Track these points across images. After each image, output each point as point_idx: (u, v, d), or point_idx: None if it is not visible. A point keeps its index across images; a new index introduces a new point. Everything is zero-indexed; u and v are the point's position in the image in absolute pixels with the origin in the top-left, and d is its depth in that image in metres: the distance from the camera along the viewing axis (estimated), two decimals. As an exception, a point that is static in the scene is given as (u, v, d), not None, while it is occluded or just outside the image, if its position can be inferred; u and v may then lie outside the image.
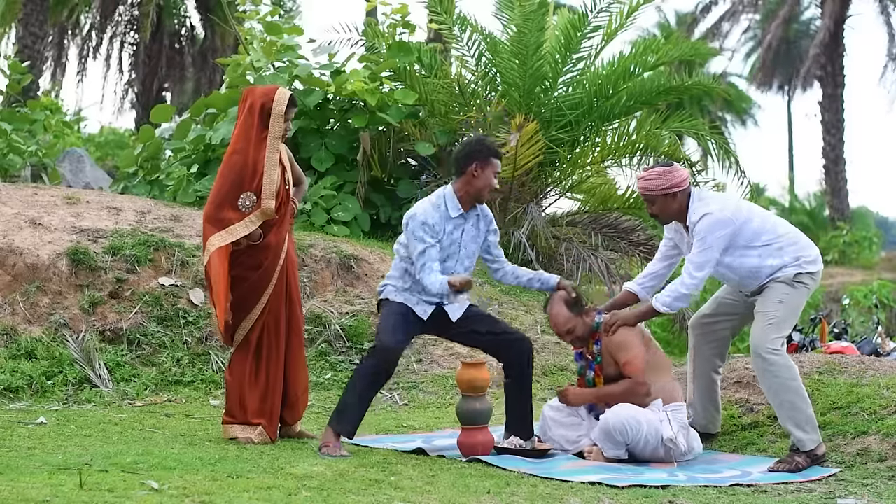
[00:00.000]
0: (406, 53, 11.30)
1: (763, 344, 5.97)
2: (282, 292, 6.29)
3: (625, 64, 11.50)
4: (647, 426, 5.98)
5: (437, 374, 8.50)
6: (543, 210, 11.53)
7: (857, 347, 8.53)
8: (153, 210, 9.67)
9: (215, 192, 6.16)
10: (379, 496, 4.86)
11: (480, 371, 6.22)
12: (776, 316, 6.00)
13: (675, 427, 6.05)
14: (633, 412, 6.00)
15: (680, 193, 6.08)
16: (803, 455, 5.95)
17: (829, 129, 34.56)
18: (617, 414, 5.99)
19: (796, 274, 6.04)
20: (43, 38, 26.22)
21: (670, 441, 6.02)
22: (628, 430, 5.96)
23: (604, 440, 6.02)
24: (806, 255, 6.10)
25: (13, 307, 8.18)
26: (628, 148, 11.21)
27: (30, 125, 12.09)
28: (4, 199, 9.33)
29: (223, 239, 6.05)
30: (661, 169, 6.12)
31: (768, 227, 6.11)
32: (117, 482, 4.77)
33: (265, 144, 6.11)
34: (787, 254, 6.06)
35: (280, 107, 6.12)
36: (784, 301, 6.02)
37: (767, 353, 5.97)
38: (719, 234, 5.98)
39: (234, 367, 6.28)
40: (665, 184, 6.06)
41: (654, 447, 6.02)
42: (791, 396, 5.97)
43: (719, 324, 6.39)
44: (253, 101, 6.18)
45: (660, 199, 6.10)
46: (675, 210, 6.12)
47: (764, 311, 6.04)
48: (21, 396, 7.43)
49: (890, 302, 18.77)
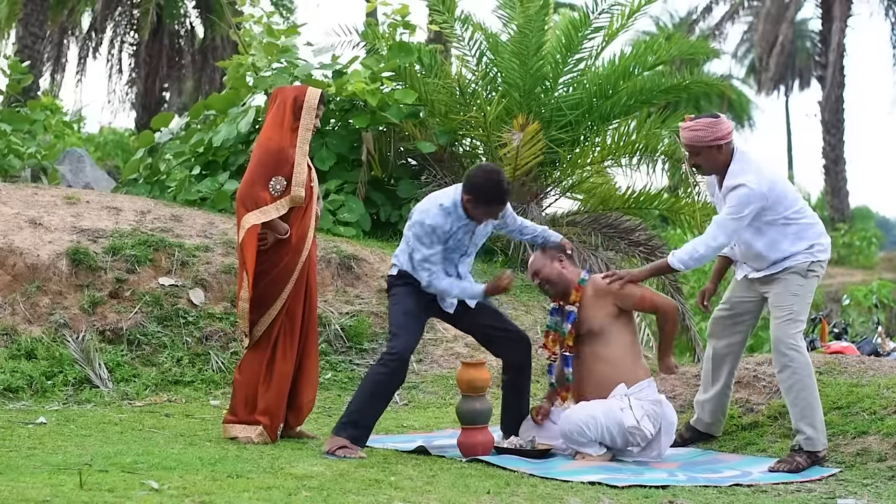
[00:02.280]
0: (406, 54, 11.31)
1: (784, 339, 5.97)
2: (300, 292, 6.34)
3: (625, 64, 11.50)
4: (605, 418, 5.98)
5: (437, 374, 8.50)
6: (543, 210, 11.53)
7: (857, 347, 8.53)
8: (153, 210, 9.67)
9: (249, 174, 6.31)
10: (379, 496, 4.86)
11: (480, 371, 6.23)
12: (793, 310, 6.00)
13: (637, 413, 6.04)
14: (587, 411, 6.02)
15: (724, 146, 6.03)
16: (805, 455, 5.95)
17: (829, 129, 34.57)
18: (569, 418, 6.04)
19: (810, 263, 6.04)
20: (43, 38, 26.22)
21: (633, 428, 6.02)
22: (586, 429, 5.99)
23: (572, 443, 6.08)
24: (819, 244, 6.09)
25: (13, 307, 8.18)
26: (628, 148, 11.21)
27: (30, 126, 12.09)
28: (4, 199, 9.33)
29: (257, 218, 6.17)
30: (708, 120, 6.06)
31: (796, 208, 6.07)
32: (117, 482, 4.77)
33: (296, 135, 6.28)
34: (804, 240, 6.04)
35: (312, 100, 6.31)
36: (799, 293, 6.02)
37: (789, 348, 5.97)
38: (753, 206, 5.94)
39: (246, 364, 6.30)
40: (711, 135, 6.00)
41: (621, 437, 6.03)
42: (808, 395, 5.98)
43: (737, 326, 6.37)
44: (284, 98, 6.37)
45: (705, 150, 6.04)
46: (721, 163, 6.06)
47: (780, 304, 6.02)
48: (21, 396, 7.43)
49: (890, 302, 18.77)
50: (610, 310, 6.18)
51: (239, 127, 10.83)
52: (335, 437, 6.00)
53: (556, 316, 6.33)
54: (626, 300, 6.18)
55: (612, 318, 6.18)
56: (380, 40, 11.78)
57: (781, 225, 6.03)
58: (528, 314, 9.58)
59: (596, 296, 6.20)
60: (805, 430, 5.98)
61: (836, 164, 34.59)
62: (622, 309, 6.21)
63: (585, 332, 6.20)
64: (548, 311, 6.48)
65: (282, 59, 11.30)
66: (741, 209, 5.94)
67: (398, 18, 11.88)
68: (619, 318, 6.20)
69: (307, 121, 6.30)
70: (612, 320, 6.18)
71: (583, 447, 6.05)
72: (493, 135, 10.68)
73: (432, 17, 12.20)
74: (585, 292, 6.22)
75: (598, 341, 6.18)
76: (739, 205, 5.94)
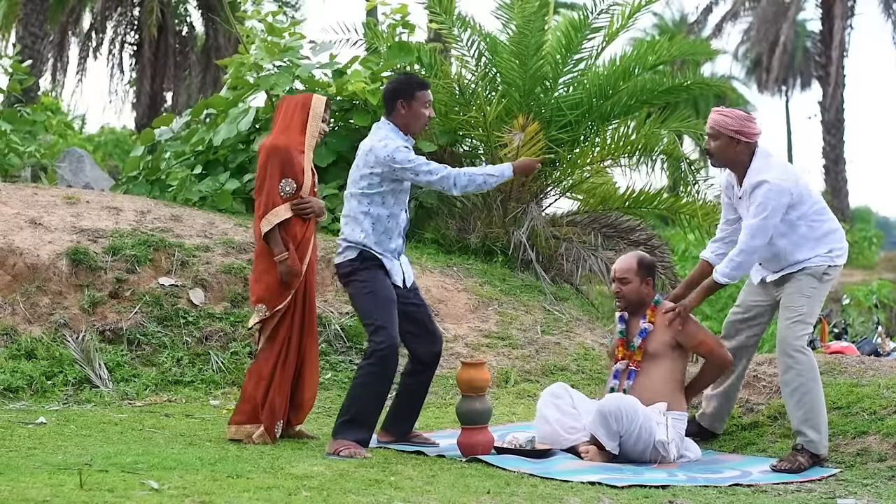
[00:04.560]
0: (406, 53, 11.30)
1: (790, 341, 5.97)
2: (300, 293, 6.37)
3: (625, 64, 11.49)
4: (644, 419, 5.98)
5: (437, 374, 8.46)
6: (543, 210, 11.53)
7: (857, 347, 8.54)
8: (153, 210, 9.67)
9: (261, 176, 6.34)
10: (379, 496, 4.86)
11: (480, 371, 6.23)
12: (803, 311, 5.99)
13: (670, 433, 6.06)
14: (632, 402, 6.02)
15: (744, 144, 6.03)
16: (807, 455, 5.95)
17: (829, 129, 34.54)
18: (615, 400, 6.00)
19: (827, 267, 6.03)
20: (43, 38, 26.21)
21: (661, 444, 6.02)
22: (624, 416, 5.95)
23: (599, 425, 6.01)
24: (838, 248, 6.09)
25: (13, 307, 8.18)
26: (628, 148, 11.21)
27: (30, 126, 12.09)
28: (4, 199, 9.33)
29: (269, 223, 6.26)
30: (740, 112, 6.08)
31: (816, 210, 6.06)
32: (117, 482, 4.77)
33: (303, 140, 6.38)
34: (823, 245, 6.03)
35: (319, 108, 6.41)
36: (811, 296, 6.01)
37: (795, 350, 5.97)
38: (781, 201, 5.92)
39: (256, 365, 6.33)
40: (736, 126, 6.01)
41: (645, 443, 6.01)
42: (812, 398, 5.97)
43: (751, 328, 6.39)
44: (291, 103, 6.48)
45: (724, 137, 6.03)
46: (731, 156, 6.05)
47: (790, 305, 6.01)
48: (21, 396, 7.43)
49: (890, 302, 18.78)
50: (669, 339, 6.28)
51: (239, 126, 10.83)
52: (340, 441, 5.97)
53: (623, 324, 6.41)
54: (687, 340, 6.27)
55: (670, 347, 6.28)
56: (379, 40, 11.77)
57: (805, 226, 6.02)
58: (528, 314, 9.58)
59: (662, 321, 6.30)
60: (808, 433, 5.97)
61: (836, 164, 34.56)
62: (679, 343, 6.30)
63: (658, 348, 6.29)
64: (616, 320, 6.51)
65: (285, 59, 11.29)
66: (767, 206, 5.91)
67: (397, 18, 11.87)
68: (676, 349, 6.30)
69: (313, 128, 6.41)
70: (668, 349, 6.28)
71: (604, 436, 6.02)
72: (493, 135, 10.68)
73: (431, 17, 12.19)
74: (658, 314, 6.30)
75: (652, 361, 6.26)
76: (765, 201, 5.91)
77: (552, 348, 9.03)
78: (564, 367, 8.69)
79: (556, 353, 8.97)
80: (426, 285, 9.43)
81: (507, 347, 8.92)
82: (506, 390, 8.28)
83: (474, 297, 9.59)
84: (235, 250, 9.10)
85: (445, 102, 11.21)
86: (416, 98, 6.18)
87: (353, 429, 6.01)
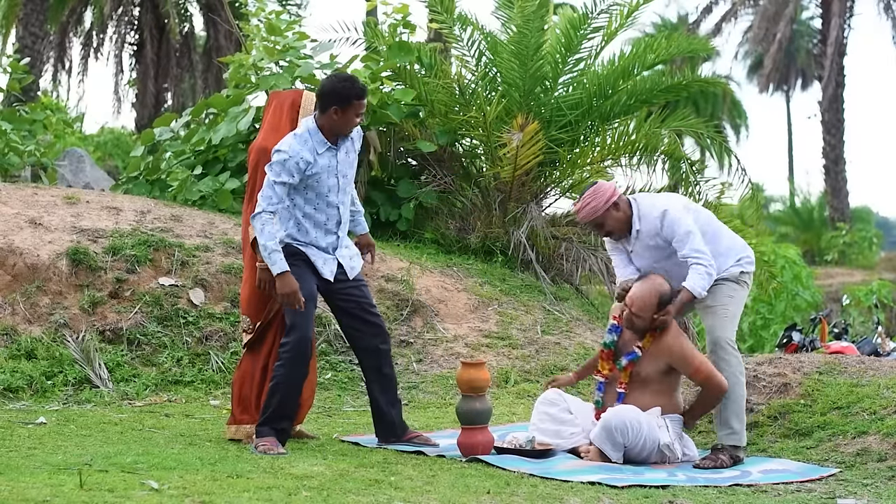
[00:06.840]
0: (406, 53, 11.30)
1: (725, 335, 6.11)
2: None
3: (625, 63, 11.49)
4: (648, 428, 5.99)
5: (437, 374, 8.50)
6: (543, 210, 11.53)
7: (857, 347, 8.56)
8: (153, 210, 9.67)
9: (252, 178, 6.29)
10: (379, 496, 4.87)
11: (480, 371, 6.23)
12: (729, 310, 6.15)
13: (672, 434, 6.07)
14: (635, 413, 6.00)
15: (619, 201, 6.19)
16: (727, 453, 6.06)
17: (829, 129, 34.54)
18: (619, 413, 5.99)
19: (740, 273, 6.21)
20: (43, 38, 26.21)
21: (666, 447, 6.04)
22: (630, 430, 5.95)
23: (604, 440, 6.00)
24: (746, 256, 6.28)
25: (13, 307, 8.18)
26: (628, 147, 11.20)
27: (30, 125, 12.09)
28: (4, 199, 9.33)
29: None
30: (589, 190, 6.21)
31: (711, 230, 6.23)
32: (117, 482, 4.77)
33: None
34: (729, 257, 6.21)
35: (309, 105, 6.30)
36: (733, 297, 6.17)
37: (728, 343, 6.12)
38: (690, 217, 6.14)
39: (243, 367, 6.32)
40: (602, 199, 6.15)
41: (650, 450, 6.02)
42: (740, 391, 6.13)
43: None
44: (280, 101, 6.38)
45: (608, 215, 6.18)
46: (624, 219, 6.21)
47: (716, 303, 6.15)
48: (21, 396, 7.44)
49: (890, 302, 18.77)
50: (663, 367, 6.18)
51: (239, 126, 10.83)
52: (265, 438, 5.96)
53: (614, 335, 6.31)
54: (683, 367, 6.16)
55: (662, 374, 6.18)
56: (380, 39, 11.77)
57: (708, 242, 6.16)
58: (528, 314, 9.58)
59: (658, 348, 6.17)
60: (734, 424, 6.09)
61: (836, 164, 34.56)
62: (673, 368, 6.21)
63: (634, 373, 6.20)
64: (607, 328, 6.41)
65: (286, 58, 11.29)
66: (681, 223, 6.08)
67: (398, 18, 11.86)
68: (669, 374, 6.21)
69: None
70: (660, 375, 6.18)
71: (610, 449, 6.00)
72: (492, 135, 10.68)
73: (432, 16, 12.19)
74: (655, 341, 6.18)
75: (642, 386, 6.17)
76: (677, 224, 6.09)
77: (552, 348, 9.03)
78: (564, 367, 8.68)
79: (556, 353, 8.97)
80: (426, 285, 9.44)
81: (507, 347, 8.92)
82: (506, 390, 8.28)
83: (474, 297, 9.60)
84: (235, 250, 9.10)
85: (445, 102, 11.21)
86: (352, 106, 6.04)
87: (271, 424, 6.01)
